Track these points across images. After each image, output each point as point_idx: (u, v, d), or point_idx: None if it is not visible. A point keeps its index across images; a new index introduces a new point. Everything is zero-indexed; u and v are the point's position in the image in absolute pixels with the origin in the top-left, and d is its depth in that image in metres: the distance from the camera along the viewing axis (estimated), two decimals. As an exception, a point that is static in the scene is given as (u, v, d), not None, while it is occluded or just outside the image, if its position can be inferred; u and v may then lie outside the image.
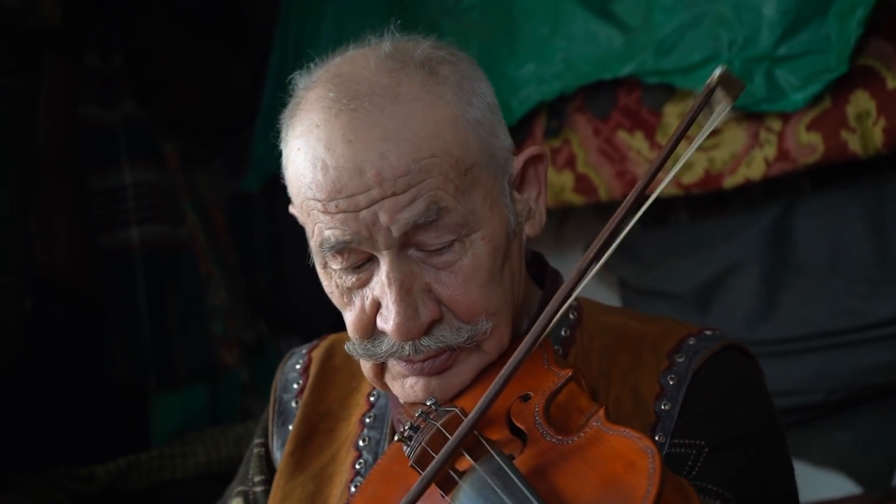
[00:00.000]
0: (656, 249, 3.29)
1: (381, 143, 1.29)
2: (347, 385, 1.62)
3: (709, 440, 1.37)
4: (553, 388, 1.30)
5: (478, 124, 1.37)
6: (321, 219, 1.34)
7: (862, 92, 2.71)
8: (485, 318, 1.38)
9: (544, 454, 1.22)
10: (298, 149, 1.35)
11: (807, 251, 3.06)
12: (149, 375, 3.51)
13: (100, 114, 3.62)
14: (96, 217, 3.56)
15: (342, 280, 1.39)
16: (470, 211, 1.34)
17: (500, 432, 1.29)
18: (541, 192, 1.49)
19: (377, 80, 1.33)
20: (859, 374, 2.96)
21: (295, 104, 1.40)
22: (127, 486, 3.28)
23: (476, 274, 1.36)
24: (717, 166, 2.94)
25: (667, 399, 1.40)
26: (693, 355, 1.43)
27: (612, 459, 1.15)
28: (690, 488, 1.16)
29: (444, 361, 1.38)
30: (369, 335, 1.40)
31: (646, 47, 2.98)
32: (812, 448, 3.07)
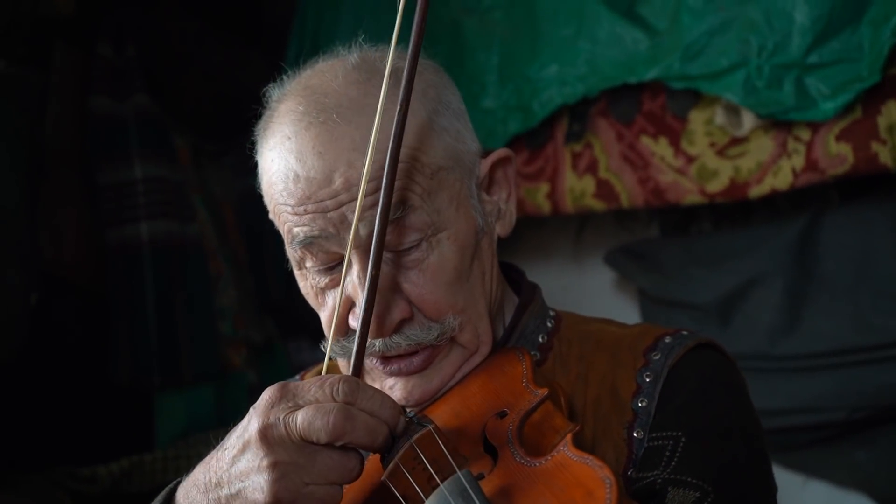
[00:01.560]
0: (677, 259, 3.29)
1: (349, 153, 1.38)
2: None
3: (685, 431, 1.41)
4: (528, 408, 1.35)
5: (443, 130, 1.45)
6: (290, 219, 1.43)
7: (894, 103, 2.69)
8: (452, 316, 1.44)
9: (512, 475, 1.27)
10: (272, 160, 1.45)
11: (832, 265, 3.05)
12: (154, 375, 3.50)
13: (111, 106, 3.62)
14: (105, 211, 3.55)
15: (316, 280, 1.47)
16: (436, 211, 1.42)
17: (473, 448, 1.35)
18: (510, 192, 1.57)
19: (345, 93, 1.42)
20: (883, 392, 2.96)
21: (268, 116, 1.51)
22: (129, 488, 3.28)
23: (442, 272, 1.43)
24: (742, 175, 2.93)
25: (643, 395, 1.44)
26: (669, 352, 1.48)
27: (573, 487, 1.19)
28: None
29: (423, 361, 1.45)
30: (343, 333, 1.46)
31: (672, 51, 2.97)
32: (834, 467, 3.07)
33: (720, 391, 1.47)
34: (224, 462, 1.30)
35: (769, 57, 2.81)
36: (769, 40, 2.81)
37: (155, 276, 3.54)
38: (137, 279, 3.53)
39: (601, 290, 3.55)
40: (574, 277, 3.56)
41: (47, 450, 3.29)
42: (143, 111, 3.66)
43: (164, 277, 3.56)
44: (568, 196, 3.23)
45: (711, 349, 1.51)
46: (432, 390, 1.46)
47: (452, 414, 1.41)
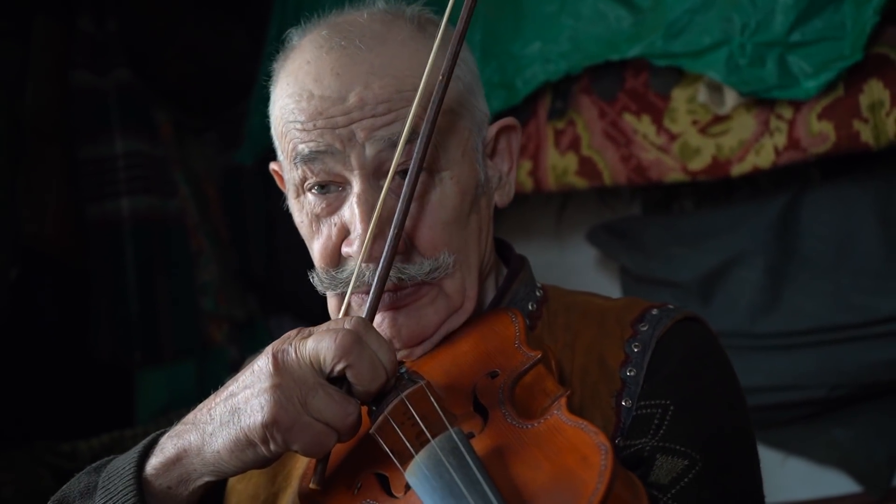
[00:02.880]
0: (659, 237, 3.29)
1: (366, 76, 1.39)
2: None
3: (673, 399, 1.41)
4: (521, 369, 1.35)
5: (458, 80, 1.46)
6: (297, 135, 1.43)
7: (876, 81, 2.70)
8: (447, 253, 1.45)
9: (503, 436, 1.26)
10: (287, 84, 1.45)
11: (813, 243, 3.06)
12: (135, 350, 3.51)
13: (92, 81, 3.61)
14: (85, 186, 3.55)
15: (312, 206, 1.46)
16: (444, 148, 1.43)
17: (463, 407, 1.34)
18: (512, 165, 1.58)
19: (369, 26, 1.44)
20: (863, 370, 2.97)
21: (288, 49, 1.50)
22: (110, 463, 3.29)
23: (441, 209, 1.44)
24: (724, 153, 2.93)
25: (632, 365, 1.45)
26: (656, 324, 1.48)
27: (567, 451, 1.18)
28: (640, 484, 1.20)
29: (409, 296, 1.45)
30: (335, 264, 1.47)
31: (655, 29, 2.96)
32: (813, 445, 3.08)
33: (708, 362, 1.48)
34: (224, 392, 1.32)
35: (752, 35, 2.80)
36: (752, 18, 2.81)
37: (136, 251, 3.54)
38: (118, 254, 3.53)
39: (583, 268, 3.55)
40: (556, 255, 3.56)
41: (27, 425, 3.29)
42: (125, 86, 3.66)
43: (144, 253, 3.56)
44: (550, 173, 3.23)
45: (697, 322, 1.52)
46: (419, 334, 1.46)
47: (442, 372, 1.41)
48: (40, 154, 3.50)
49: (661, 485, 1.34)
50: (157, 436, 1.45)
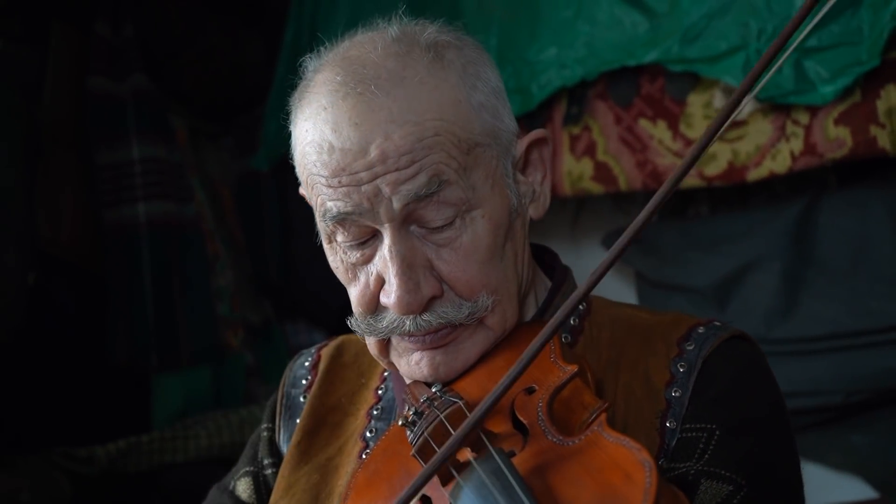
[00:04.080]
0: (675, 242, 3.28)
1: (385, 125, 1.35)
2: (356, 381, 1.65)
3: (720, 424, 1.40)
4: (558, 384, 1.33)
5: (481, 107, 1.42)
6: (324, 191, 1.39)
7: (893, 87, 2.69)
8: (485, 295, 1.42)
9: (544, 453, 1.25)
10: (307, 130, 1.41)
11: (830, 249, 3.05)
12: (151, 355, 3.51)
13: (109, 86, 3.62)
14: (102, 192, 3.56)
15: (347, 256, 1.44)
16: (471, 188, 1.39)
17: (502, 425, 1.33)
18: (545, 175, 1.54)
19: (383, 64, 1.38)
20: (880, 376, 2.96)
21: (304, 86, 1.46)
22: (126, 468, 3.29)
23: (476, 251, 1.41)
24: (741, 158, 2.92)
25: (677, 385, 1.43)
26: (703, 343, 1.46)
27: (610, 469, 1.17)
28: (683, 497, 1.19)
29: (445, 336, 1.42)
30: (372, 310, 1.45)
31: (671, 34, 2.96)
32: (829, 451, 3.07)
33: (754, 384, 1.46)
34: None
35: (768, 40, 2.80)
36: (768, 23, 2.80)
37: (152, 256, 3.54)
38: (135, 260, 3.53)
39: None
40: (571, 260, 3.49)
41: (44, 431, 3.30)
42: (141, 91, 3.66)
43: (161, 258, 3.56)
44: (566, 179, 3.23)
45: (744, 341, 1.49)
46: (457, 369, 1.44)
47: (479, 389, 1.39)
48: (57, 159, 3.51)
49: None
50: None
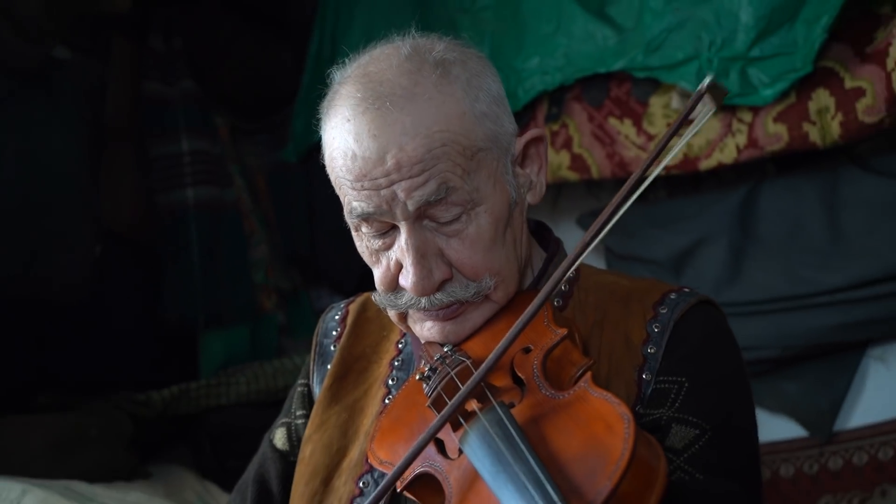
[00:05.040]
0: (638, 221, 3.28)
1: (399, 137, 1.34)
2: (379, 333, 1.63)
3: (689, 377, 1.39)
4: (550, 345, 1.33)
5: (483, 116, 1.40)
6: (350, 193, 1.39)
7: (823, 90, 2.69)
8: (489, 276, 1.41)
9: (539, 405, 1.25)
10: (333, 137, 1.41)
11: (768, 227, 3.05)
12: (199, 316, 3.51)
13: (161, 90, 3.61)
14: (156, 179, 3.56)
15: (370, 243, 1.43)
16: (475, 189, 1.38)
17: (503, 380, 1.32)
18: (541, 166, 1.52)
19: (397, 81, 1.37)
20: (810, 334, 2.97)
21: (331, 97, 1.44)
22: (178, 411, 3.30)
23: (480, 240, 1.40)
24: (694, 151, 2.92)
25: (652, 343, 1.42)
26: (674, 307, 1.44)
27: (595, 420, 1.17)
28: (658, 444, 1.18)
29: (455, 311, 1.42)
30: (392, 289, 1.44)
31: (636, 46, 2.95)
32: (766, 396, 3.08)
33: (718, 345, 1.45)
34: None
35: (718, 51, 2.79)
36: (718, 37, 2.80)
37: (199, 233, 3.54)
38: (184, 236, 3.53)
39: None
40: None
41: (110, 379, 3.30)
42: (189, 94, 3.65)
43: (206, 234, 3.56)
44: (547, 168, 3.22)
45: (710, 306, 1.48)
46: (464, 334, 1.44)
47: (483, 348, 1.39)
48: (118, 152, 3.50)
49: (676, 449, 1.33)
50: None
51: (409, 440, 1.34)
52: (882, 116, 2.61)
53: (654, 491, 1.11)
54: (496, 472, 1.15)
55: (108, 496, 2.64)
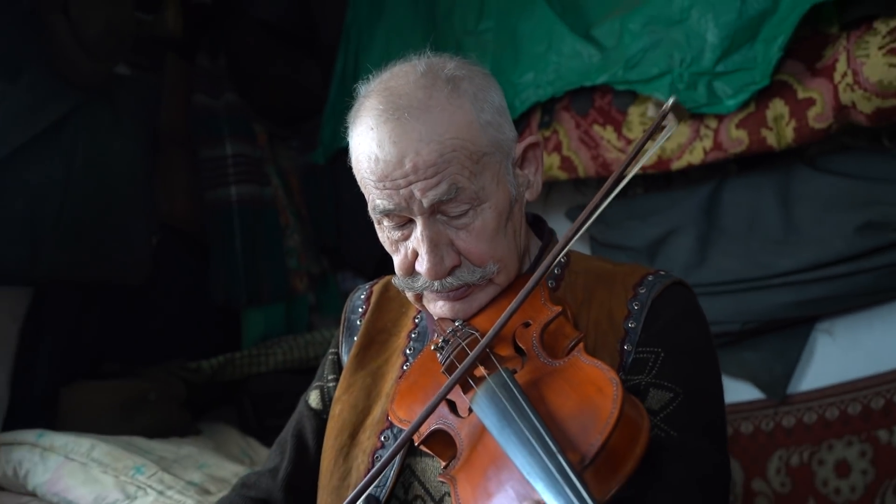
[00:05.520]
0: (618, 214, 3.27)
1: (416, 143, 1.34)
2: (398, 311, 1.64)
3: (664, 348, 1.39)
4: (547, 319, 1.34)
5: (488, 125, 1.40)
6: (374, 192, 1.40)
7: (779, 100, 2.67)
8: (492, 263, 1.42)
9: (538, 371, 1.26)
10: (359, 143, 1.41)
11: (731, 218, 3.04)
12: (241, 296, 3.51)
13: (208, 102, 3.61)
14: (204, 178, 3.55)
15: (391, 234, 1.44)
16: (481, 188, 1.38)
17: (507, 349, 1.33)
18: (537, 168, 1.52)
19: (414, 95, 1.37)
20: (767, 311, 2.97)
21: (357, 108, 1.45)
22: (224, 377, 3.31)
23: (485, 232, 1.40)
24: (667, 154, 2.91)
25: (633, 319, 1.42)
26: (652, 287, 1.45)
27: (587, 384, 1.17)
28: (641, 406, 1.18)
29: (463, 292, 1.43)
30: (410, 274, 1.45)
31: (617, 62, 2.94)
32: (729, 365, 3.07)
33: (689, 320, 1.45)
34: None
35: (688, 67, 2.78)
36: (688, 55, 2.78)
37: (241, 225, 3.53)
38: (228, 228, 3.52)
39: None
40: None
41: (166, 350, 3.31)
42: (232, 106, 3.65)
43: (247, 226, 3.56)
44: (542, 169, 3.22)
45: (682, 287, 1.49)
46: (472, 312, 1.45)
47: (489, 323, 1.39)
48: (171, 155, 3.50)
49: (653, 410, 1.34)
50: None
51: (425, 401, 1.35)
52: (830, 123, 2.61)
53: (638, 444, 1.11)
54: (502, 428, 1.15)
55: (164, 450, 2.65)
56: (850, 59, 2.54)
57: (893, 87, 2.46)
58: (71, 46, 2.87)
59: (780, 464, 3.04)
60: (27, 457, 2.48)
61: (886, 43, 2.48)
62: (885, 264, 2.77)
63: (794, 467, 3.02)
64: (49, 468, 2.45)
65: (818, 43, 2.64)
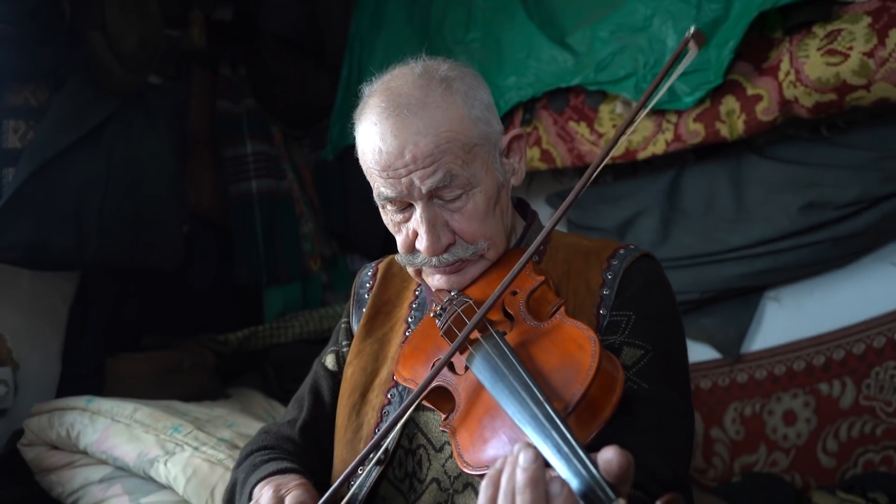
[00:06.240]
0: (591, 199, 3.27)
1: (415, 136, 1.34)
2: (401, 285, 1.64)
3: (635, 312, 1.39)
4: (531, 288, 1.34)
5: (478, 119, 1.39)
6: (378, 180, 1.39)
7: (731, 97, 2.67)
8: (483, 241, 1.42)
9: (525, 333, 1.25)
10: (364, 138, 1.40)
11: (690, 201, 3.04)
12: (262, 276, 3.50)
13: (230, 107, 3.59)
14: (228, 174, 3.53)
15: (394, 217, 1.44)
16: (472, 175, 1.38)
17: (497, 315, 1.33)
18: (521, 157, 1.52)
19: (412, 94, 1.36)
20: (722, 281, 2.97)
21: (362, 106, 1.43)
22: (249, 347, 3.30)
23: (476, 214, 1.40)
24: (633, 145, 2.90)
25: (607, 287, 1.42)
26: (623, 259, 1.45)
27: (568, 342, 1.17)
28: (616, 360, 1.18)
29: (457, 266, 1.43)
30: (411, 251, 1.44)
31: (588, 66, 2.92)
32: (689, 329, 3.08)
33: (657, 287, 1.45)
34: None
35: (651, 68, 2.77)
36: (650, 58, 2.77)
37: (261, 214, 3.52)
38: (250, 217, 3.51)
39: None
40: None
41: (197, 324, 3.30)
42: (251, 110, 3.63)
43: (266, 215, 3.54)
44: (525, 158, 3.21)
45: (650, 258, 1.48)
46: (465, 283, 1.45)
47: (480, 292, 1.40)
48: (198, 154, 3.49)
49: (627, 366, 1.33)
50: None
51: (426, 362, 1.36)
52: (775, 116, 2.60)
53: (614, 394, 1.11)
54: (495, 382, 1.15)
55: (198, 411, 2.65)
56: (792, 59, 2.53)
57: (830, 83, 2.46)
58: (108, 59, 2.85)
59: (735, 414, 3.05)
60: (78, 420, 2.47)
61: (824, 45, 2.47)
62: (824, 239, 2.78)
63: (748, 417, 3.03)
64: (97, 429, 2.44)
65: (764, 46, 2.63)
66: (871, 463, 2.78)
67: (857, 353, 2.86)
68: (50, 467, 2.48)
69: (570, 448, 0.96)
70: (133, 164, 2.98)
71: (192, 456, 2.32)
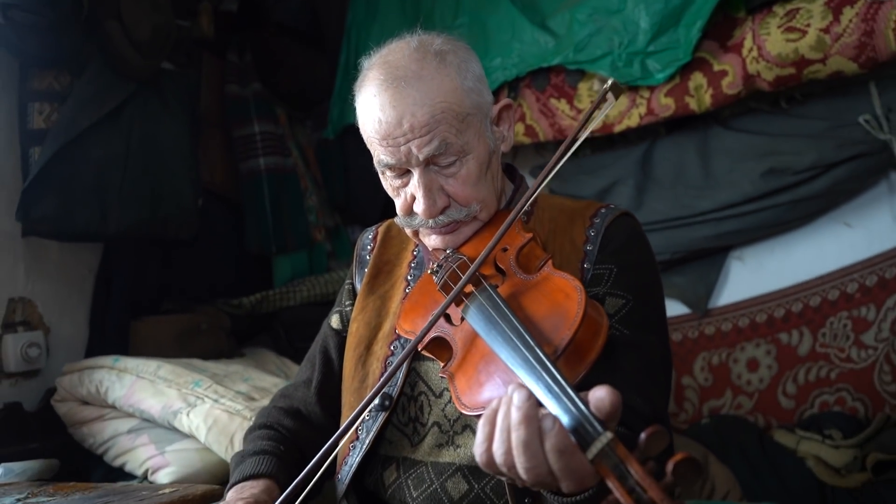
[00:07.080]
0: (572, 170, 3.25)
1: (412, 107, 1.31)
2: (400, 246, 1.63)
3: (616, 265, 1.38)
4: (521, 244, 1.32)
5: (470, 90, 1.36)
6: (378, 148, 1.36)
7: (698, 73, 2.65)
8: (475, 203, 1.39)
9: (516, 285, 1.24)
10: (364, 109, 1.37)
11: (661, 170, 3.03)
12: (272, 246, 3.48)
13: (238, 90, 3.54)
14: (238, 152, 3.49)
15: (393, 183, 1.41)
16: (465, 142, 1.35)
17: (489, 269, 1.31)
18: (510, 125, 1.49)
19: (409, 67, 1.33)
20: (690, 243, 2.97)
21: (361, 79, 1.40)
22: (261, 310, 3.28)
23: (469, 178, 1.37)
24: (610, 119, 2.88)
25: (590, 243, 1.40)
26: (605, 217, 1.43)
27: (556, 291, 1.16)
28: (601, 307, 1.16)
29: (452, 227, 1.41)
30: (409, 214, 1.42)
31: (568, 47, 2.89)
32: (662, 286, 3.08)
33: (636, 242, 1.43)
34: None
35: (625, 48, 2.74)
36: (625, 38, 2.74)
37: (269, 189, 3.48)
38: (259, 191, 3.48)
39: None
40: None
41: (213, 289, 3.28)
42: (258, 93, 3.57)
43: (274, 190, 3.51)
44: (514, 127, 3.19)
45: (629, 217, 1.47)
46: (459, 243, 1.42)
47: (473, 250, 1.38)
48: (210, 134, 3.44)
49: (609, 314, 1.32)
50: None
51: (426, 315, 1.34)
52: (740, 90, 2.58)
53: (599, 338, 1.10)
54: (489, 330, 1.14)
55: (216, 368, 2.64)
56: (755, 37, 2.50)
57: (790, 58, 2.44)
58: (124, 47, 2.80)
59: (704, 363, 3.06)
60: (106, 377, 2.46)
61: (784, 23, 2.45)
62: (784, 202, 2.77)
63: (715, 365, 3.04)
64: (124, 385, 2.43)
65: (729, 25, 2.60)
66: (826, 404, 2.80)
67: (813, 305, 2.87)
68: (81, 420, 2.47)
69: (560, 388, 0.95)
70: (150, 144, 2.94)
71: (213, 407, 2.31)
